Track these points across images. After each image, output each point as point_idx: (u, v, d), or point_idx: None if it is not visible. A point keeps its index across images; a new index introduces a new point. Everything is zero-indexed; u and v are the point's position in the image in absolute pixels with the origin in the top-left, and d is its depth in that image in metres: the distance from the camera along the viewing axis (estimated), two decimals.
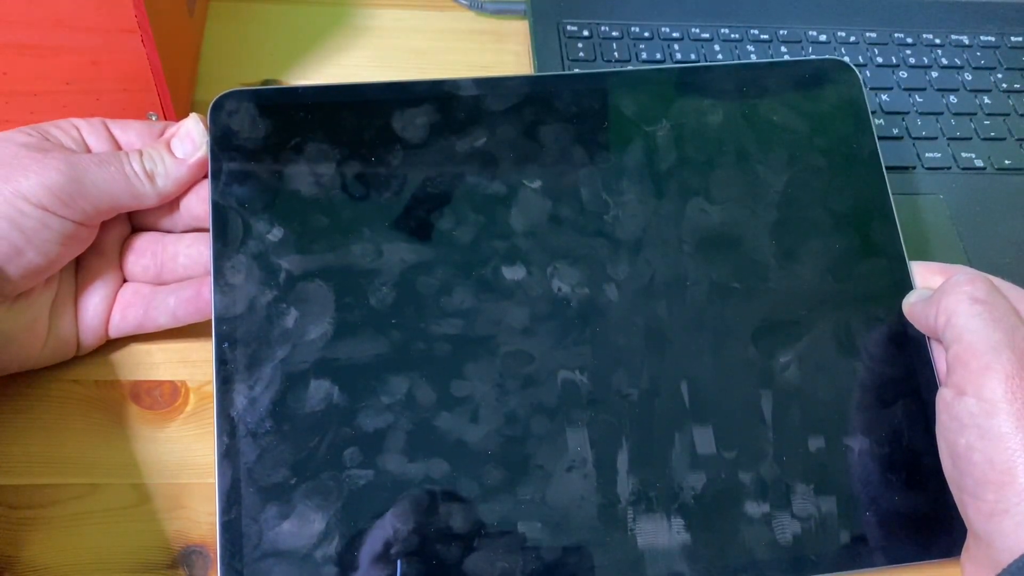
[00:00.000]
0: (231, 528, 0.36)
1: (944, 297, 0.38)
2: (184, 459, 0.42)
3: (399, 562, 0.37)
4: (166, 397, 0.43)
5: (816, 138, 0.45)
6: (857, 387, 0.41)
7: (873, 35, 0.60)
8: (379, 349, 0.39)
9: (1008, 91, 0.58)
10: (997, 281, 0.39)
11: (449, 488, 0.38)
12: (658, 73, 0.46)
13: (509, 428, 0.39)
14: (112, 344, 0.43)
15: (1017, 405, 0.34)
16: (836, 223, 0.44)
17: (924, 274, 0.43)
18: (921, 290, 0.42)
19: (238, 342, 0.39)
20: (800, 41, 0.59)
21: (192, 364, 0.44)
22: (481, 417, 0.39)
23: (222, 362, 0.38)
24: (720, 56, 0.57)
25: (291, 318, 0.39)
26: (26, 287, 0.39)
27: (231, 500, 0.37)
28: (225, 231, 0.40)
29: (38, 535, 0.39)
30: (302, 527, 0.36)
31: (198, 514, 0.40)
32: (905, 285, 0.43)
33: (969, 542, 0.38)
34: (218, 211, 0.40)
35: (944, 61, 0.59)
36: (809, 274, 0.43)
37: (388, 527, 0.37)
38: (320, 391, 0.38)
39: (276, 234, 0.40)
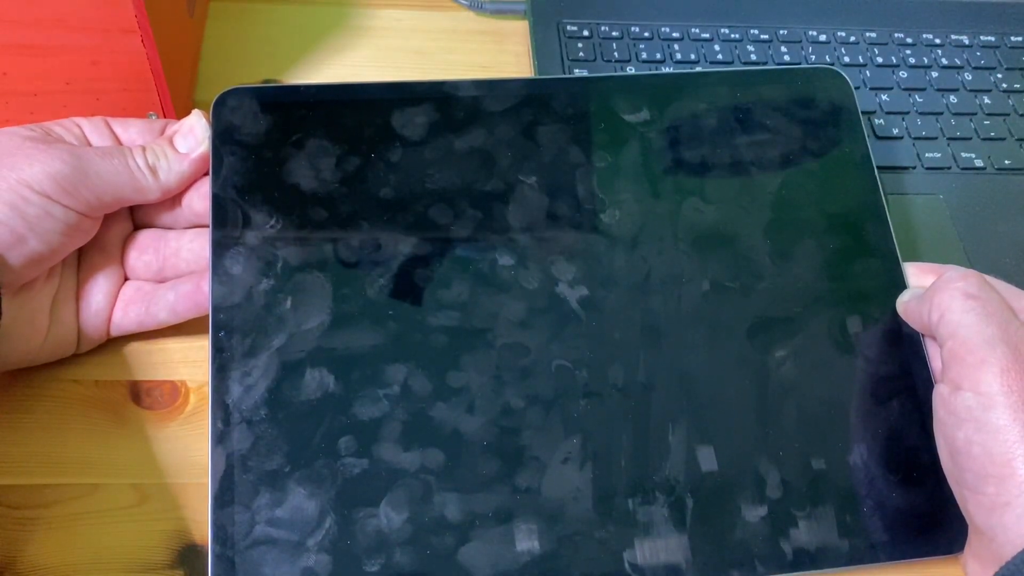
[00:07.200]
0: (223, 515, 0.36)
1: (937, 294, 0.39)
2: (184, 459, 0.41)
3: (392, 552, 0.36)
4: (166, 397, 0.43)
5: (809, 143, 0.46)
6: (854, 385, 0.41)
7: (873, 35, 0.60)
8: (376, 339, 0.39)
9: (1008, 91, 0.58)
10: (989, 279, 0.39)
11: (444, 478, 0.38)
12: (653, 78, 0.47)
13: (505, 419, 0.39)
14: (112, 343, 0.44)
15: (1013, 398, 0.34)
16: (829, 225, 0.44)
17: (917, 274, 0.43)
18: (914, 288, 0.43)
19: (235, 331, 0.39)
20: (800, 41, 0.59)
21: (192, 364, 0.44)
22: (477, 408, 0.39)
23: (218, 350, 0.38)
24: (720, 56, 0.57)
25: (288, 308, 0.39)
26: (28, 277, 0.39)
27: (224, 487, 0.37)
28: (224, 221, 0.40)
29: (38, 535, 0.39)
30: (295, 515, 0.36)
31: (198, 514, 0.40)
32: (899, 285, 0.43)
33: (971, 538, 0.38)
34: (218, 202, 0.41)
35: (944, 61, 0.59)
36: (803, 274, 0.43)
37: (382, 516, 0.37)
38: (316, 380, 0.38)
39: (275, 226, 0.41)
